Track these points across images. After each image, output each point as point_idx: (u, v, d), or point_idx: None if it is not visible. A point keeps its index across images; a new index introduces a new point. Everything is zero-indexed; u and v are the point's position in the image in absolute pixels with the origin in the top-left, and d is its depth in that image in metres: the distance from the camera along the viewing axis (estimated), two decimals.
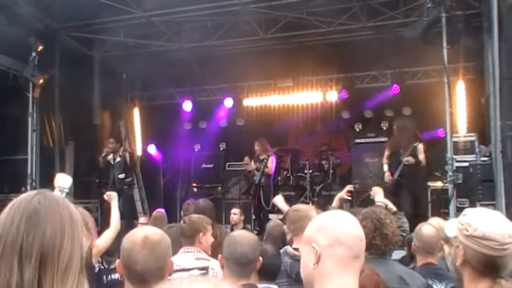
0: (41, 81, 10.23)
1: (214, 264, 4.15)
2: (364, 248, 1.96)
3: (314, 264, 1.90)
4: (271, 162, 11.27)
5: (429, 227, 4.27)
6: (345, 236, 1.90)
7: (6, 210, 1.56)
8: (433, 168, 11.40)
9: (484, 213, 2.32)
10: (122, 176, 11.19)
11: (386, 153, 10.27)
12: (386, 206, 5.20)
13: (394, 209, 5.42)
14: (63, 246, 1.52)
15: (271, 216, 11.19)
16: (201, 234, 4.45)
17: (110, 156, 11.29)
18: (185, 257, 4.24)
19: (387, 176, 9.98)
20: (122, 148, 11.51)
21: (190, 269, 4.05)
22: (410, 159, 9.65)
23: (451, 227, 2.39)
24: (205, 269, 4.12)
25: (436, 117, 10.46)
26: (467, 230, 2.24)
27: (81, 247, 1.58)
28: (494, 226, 2.22)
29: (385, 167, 10.14)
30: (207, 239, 4.49)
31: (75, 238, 1.56)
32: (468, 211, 2.37)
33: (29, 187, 10.00)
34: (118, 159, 11.33)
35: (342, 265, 1.88)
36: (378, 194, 5.51)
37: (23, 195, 1.59)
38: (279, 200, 6.62)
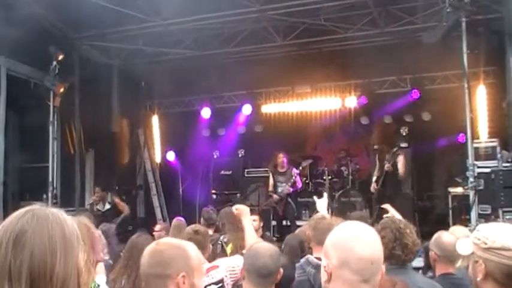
0: (62, 89, 10.34)
1: (222, 267, 4.14)
2: (378, 270, 1.92)
3: (326, 282, 1.92)
4: (297, 179, 11.42)
5: (449, 235, 4.20)
6: (353, 259, 1.88)
7: None
8: (453, 174, 11.30)
9: (498, 226, 2.34)
10: (118, 220, 10.92)
11: (377, 166, 10.63)
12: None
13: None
14: (55, 268, 1.43)
15: (301, 223, 11.09)
16: None
17: (99, 205, 10.92)
18: None
19: (373, 187, 10.43)
20: (109, 195, 11.12)
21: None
22: (390, 166, 10.01)
23: (463, 245, 2.38)
24: (220, 282, 4.09)
25: (456, 123, 10.33)
26: (485, 243, 2.24)
27: (77, 265, 1.50)
28: (507, 236, 2.23)
29: (373, 179, 10.57)
30: None
31: (69, 258, 1.47)
32: (481, 227, 2.37)
33: (50, 194, 10.11)
34: (108, 206, 10.94)
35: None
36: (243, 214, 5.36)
37: (13, 215, 1.51)
38: (389, 208, 6.63)
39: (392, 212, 6.42)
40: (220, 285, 4.04)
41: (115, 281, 4.63)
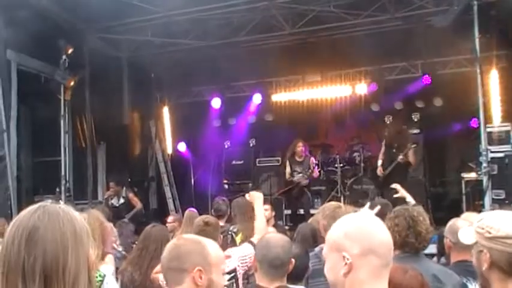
0: (72, 83, 10.41)
1: (234, 257, 4.17)
2: (392, 255, 1.97)
3: (345, 275, 1.90)
4: (314, 165, 11.32)
5: (464, 222, 4.13)
6: (379, 245, 1.92)
7: (10, 227, 1.53)
8: (466, 159, 11.25)
9: (501, 215, 2.35)
10: (130, 214, 10.72)
11: (382, 150, 10.91)
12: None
13: None
14: (67, 264, 1.47)
15: (313, 211, 11.13)
16: None
17: (113, 200, 10.94)
18: None
19: (379, 171, 10.61)
20: (124, 189, 11.07)
21: None
22: (404, 158, 10.22)
23: (466, 234, 2.38)
24: (233, 271, 4.12)
25: (469, 108, 10.28)
26: (489, 233, 2.24)
27: (88, 261, 1.54)
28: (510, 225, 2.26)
29: (379, 162, 10.76)
30: None
31: (80, 253, 1.51)
32: (484, 215, 2.39)
33: (63, 188, 10.21)
34: (122, 200, 10.96)
35: (374, 274, 1.90)
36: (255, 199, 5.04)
37: (24, 211, 1.54)
38: (399, 187, 6.57)
39: (402, 192, 6.37)
40: (233, 274, 4.07)
41: (126, 270, 4.67)
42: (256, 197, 4.90)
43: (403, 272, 2.73)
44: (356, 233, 1.94)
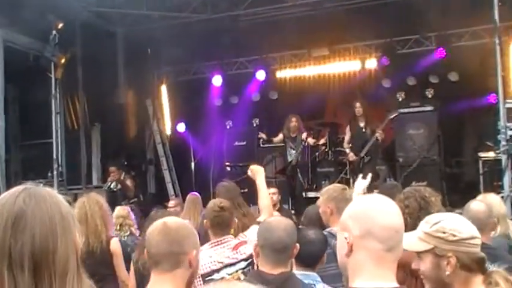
0: (63, 60, 10.34)
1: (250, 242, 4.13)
2: (401, 239, 1.97)
3: (347, 255, 1.94)
4: (305, 138, 11.57)
5: (478, 203, 4.21)
6: (377, 228, 1.91)
7: None
8: (484, 137, 11.17)
9: (454, 217, 2.55)
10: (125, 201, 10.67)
11: (347, 137, 11.37)
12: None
13: None
14: (56, 250, 1.45)
15: (310, 194, 11.18)
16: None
17: (113, 184, 11.02)
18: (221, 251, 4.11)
19: (351, 156, 11.08)
20: (123, 174, 11.10)
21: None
22: (382, 133, 10.77)
23: (410, 242, 2.42)
24: (249, 257, 4.06)
25: (486, 82, 10.20)
26: (454, 236, 2.37)
27: (76, 246, 1.52)
28: (469, 225, 2.47)
29: (348, 150, 11.25)
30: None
31: (68, 238, 1.49)
32: (440, 218, 2.49)
33: (55, 172, 10.20)
34: (120, 185, 11.08)
35: (373, 257, 1.91)
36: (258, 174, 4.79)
37: (7, 194, 1.50)
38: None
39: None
40: (250, 261, 4.03)
41: (140, 258, 4.71)
42: (257, 171, 4.73)
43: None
44: (359, 214, 1.97)
